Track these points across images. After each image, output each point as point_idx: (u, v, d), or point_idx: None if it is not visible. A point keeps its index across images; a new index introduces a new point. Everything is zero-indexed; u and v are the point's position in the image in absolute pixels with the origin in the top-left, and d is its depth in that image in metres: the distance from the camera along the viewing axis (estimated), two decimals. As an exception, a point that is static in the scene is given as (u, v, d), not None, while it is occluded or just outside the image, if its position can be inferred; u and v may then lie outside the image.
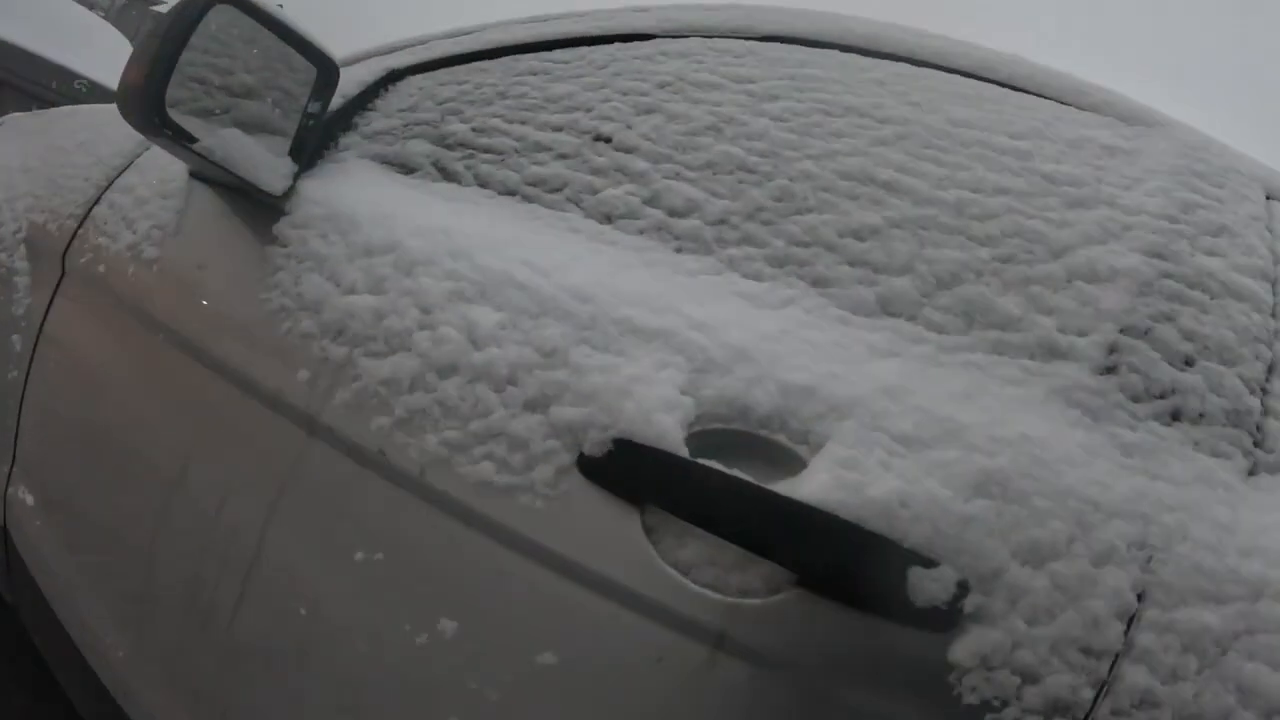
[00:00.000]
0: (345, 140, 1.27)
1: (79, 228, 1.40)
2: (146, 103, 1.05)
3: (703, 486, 0.78)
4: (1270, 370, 0.91)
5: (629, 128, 1.12)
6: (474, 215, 1.07)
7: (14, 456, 1.40)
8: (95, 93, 4.95)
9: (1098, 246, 0.93)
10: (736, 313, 0.90)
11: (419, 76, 1.31)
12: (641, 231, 1.01)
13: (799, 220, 0.99)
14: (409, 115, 1.25)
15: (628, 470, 0.80)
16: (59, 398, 1.36)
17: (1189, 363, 0.87)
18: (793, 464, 0.79)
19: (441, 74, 1.30)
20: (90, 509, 1.27)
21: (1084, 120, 1.12)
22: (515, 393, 0.87)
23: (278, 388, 1.01)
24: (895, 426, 0.79)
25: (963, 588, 0.72)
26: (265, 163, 1.15)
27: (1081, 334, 0.87)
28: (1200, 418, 0.85)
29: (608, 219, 1.03)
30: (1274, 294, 0.97)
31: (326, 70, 1.22)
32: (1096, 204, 0.98)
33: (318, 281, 1.04)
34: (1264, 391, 0.89)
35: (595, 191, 1.06)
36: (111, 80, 5.04)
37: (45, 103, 4.74)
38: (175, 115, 1.09)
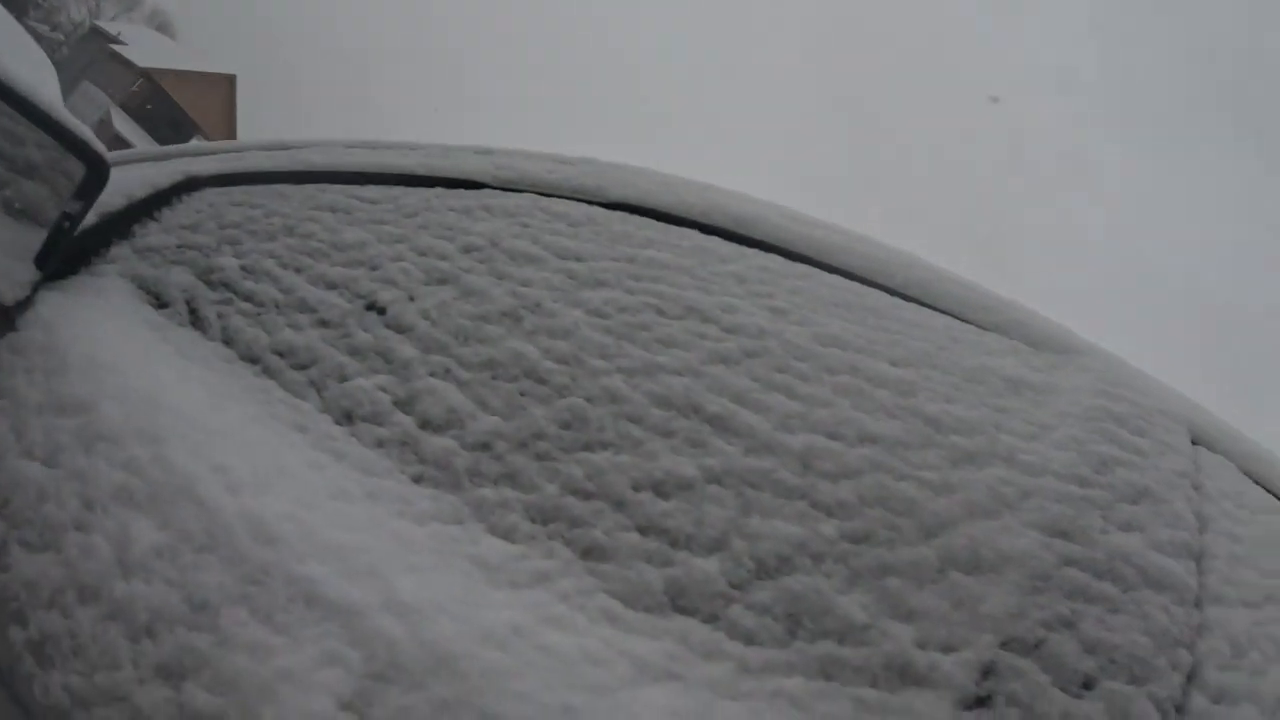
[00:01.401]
0: (116, 250, 1.10)
1: None
2: None
3: None
4: (1189, 679, 0.67)
5: (411, 299, 0.95)
6: (199, 384, 0.90)
7: None
8: None
9: (985, 522, 0.72)
10: (462, 589, 0.69)
11: (216, 190, 1.16)
12: (380, 444, 0.83)
13: (585, 459, 0.78)
14: (187, 235, 1.10)
15: None
16: None
17: (1088, 685, 0.64)
18: None
19: (239, 192, 1.15)
20: None
21: (987, 344, 0.94)
22: (150, 649, 0.68)
23: None
24: None
25: None
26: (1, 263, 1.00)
27: (948, 649, 0.65)
28: None
29: (347, 418, 0.86)
30: (1198, 573, 0.75)
31: (93, 167, 1.05)
32: (991, 460, 0.77)
33: (3, 430, 0.86)
34: (1179, 712, 0.65)
35: (344, 378, 0.89)
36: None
37: None
38: None
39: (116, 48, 41.75)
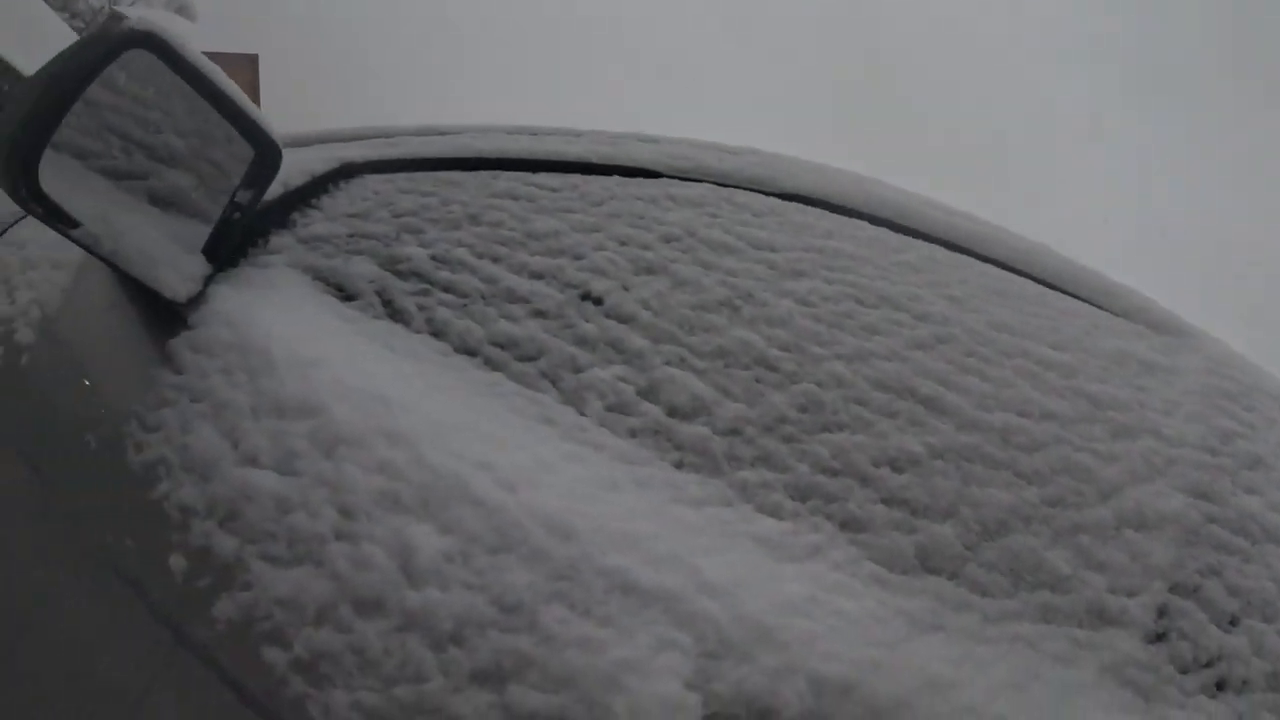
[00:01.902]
0: (277, 240, 1.03)
1: None
2: (14, 169, 0.81)
3: None
4: None
5: (625, 289, 0.93)
6: (422, 379, 0.85)
7: None
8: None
9: (1145, 486, 0.83)
10: (754, 566, 0.71)
11: (377, 177, 1.10)
12: (633, 433, 0.81)
13: (827, 440, 0.82)
14: (358, 224, 1.04)
15: None
16: None
17: (1234, 622, 0.77)
18: None
19: (403, 179, 1.09)
20: None
21: (1119, 329, 1.02)
22: (460, 657, 0.64)
23: (140, 573, 0.77)
24: None
25: None
26: (169, 256, 0.92)
27: (1131, 594, 0.76)
28: (1244, 685, 0.74)
29: (591, 409, 0.83)
30: None
31: (265, 152, 0.99)
32: (1141, 433, 0.87)
33: (211, 436, 0.79)
34: None
35: (578, 369, 0.86)
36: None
37: None
38: (57, 176, 0.85)
39: None
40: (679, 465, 0.80)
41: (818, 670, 0.64)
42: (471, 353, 0.89)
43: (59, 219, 0.85)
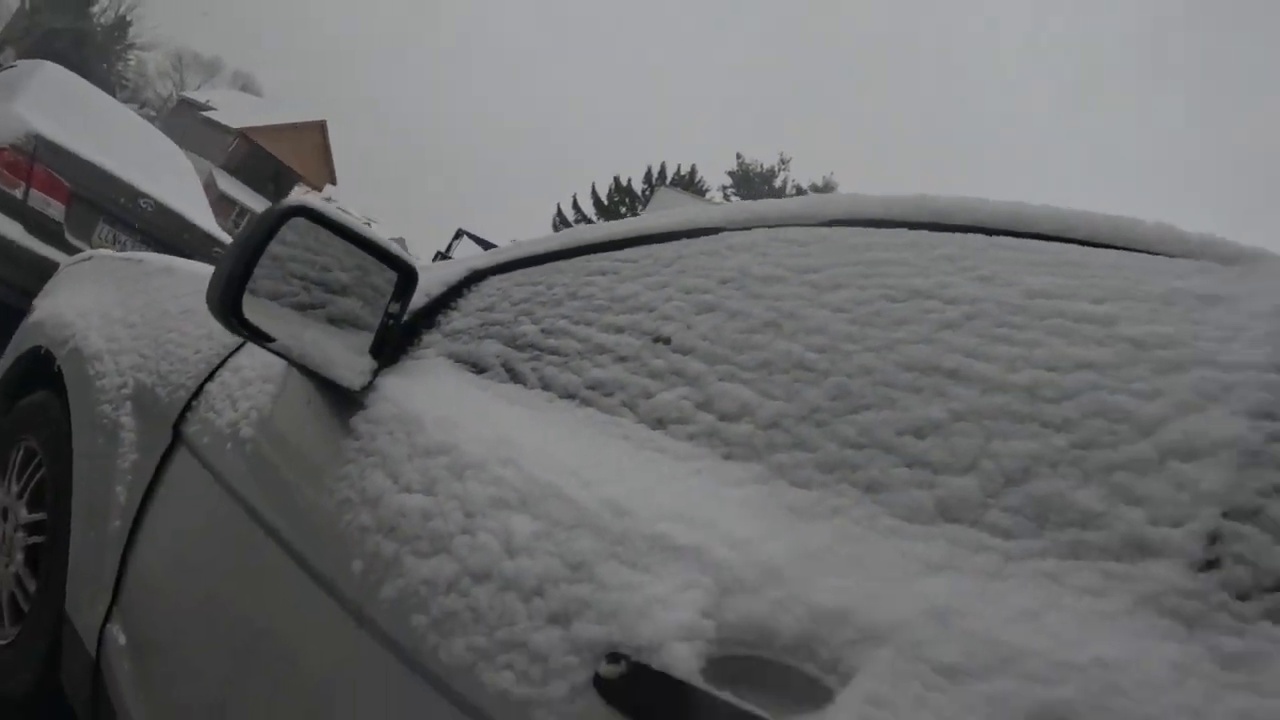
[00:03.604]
0: (428, 338, 1.34)
1: (191, 399, 1.53)
2: (225, 306, 1.16)
3: (711, 719, 0.74)
4: None
5: (689, 328, 1.12)
6: (531, 419, 1.09)
7: (114, 597, 1.52)
8: (160, 212, 5.37)
9: (1195, 415, 0.82)
10: (779, 526, 0.86)
11: (498, 277, 1.38)
12: (691, 437, 0.99)
13: (854, 420, 0.93)
14: (486, 315, 1.31)
15: (639, 696, 0.77)
16: (159, 553, 1.47)
17: None
18: (819, 696, 0.74)
19: (519, 274, 1.36)
20: (172, 662, 1.34)
21: (1177, 269, 1.01)
22: (540, 604, 0.86)
23: (334, 576, 1.06)
24: (940, 655, 0.71)
25: None
26: (344, 359, 1.23)
27: (1176, 524, 0.76)
28: None
29: (660, 423, 1.02)
30: None
31: (405, 274, 1.31)
32: (1192, 365, 0.87)
33: (380, 478, 1.08)
34: None
35: (650, 396, 1.06)
36: (175, 202, 5.49)
37: (115, 219, 5.23)
38: (257, 313, 1.20)
39: (207, 114, 43.60)
40: (727, 457, 0.96)
41: (816, 600, 0.77)
42: (572, 396, 1.12)
43: (259, 338, 1.18)
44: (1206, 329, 0.91)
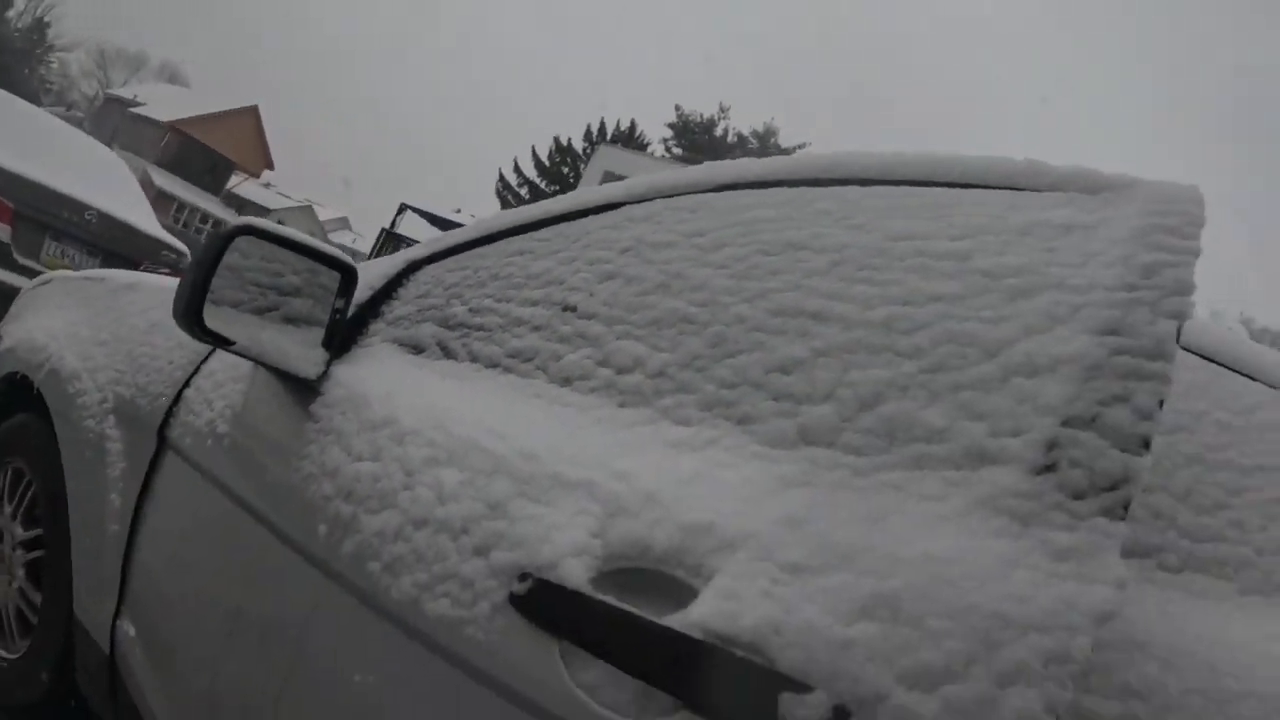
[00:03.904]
0: (374, 326, 1.51)
1: (172, 406, 1.69)
2: (189, 318, 1.34)
3: (600, 620, 0.88)
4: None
5: (591, 295, 1.26)
6: (460, 389, 1.26)
7: (121, 596, 1.69)
8: (105, 222, 5.42)
9: (1040, 336, 0.88)
10: (659, 460, 0.99)
11: (432, 265, 1.54)
12: (593, 390, 1.14)
13: (730, 363, 1.05)
14: (422, 301, 1.48)
15: (544, 606, 0.92)
16: (158, 548, 1.64)
17: (1147, 444, 0.78)
18: (686, 596, 0.85)
19: (450, 261, 1.52)
20: (177, 637, 1.52)
21: (1040, 202, 1.05)
22: (466, 540, 1.02)
23: (305, 540, 1.23)
24: (785, 556, 0.82)
25: (840, 713, 0.72)
26: (299, 354, 1.39)
27: (1016, 434, 0.82)
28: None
29: (567, 381, 1.18)
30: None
31: (346, 273, 1.48)
32: (1042, 290, 0.92)
33: (336, 452, 1.25)
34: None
35: (559, 358, 1.21)
36: (118, 210, 5.53)
37: (60, 234, 5.29)
38: (218, 320, 1.37)
39: (136, 110, 42.43)
40: (621, 405, 1.10)
41: (685, 518, 0.89)
42: (495, 365, 1.29)
43: (221, 342, 1.36)
44: (1060, 256, 0.96)
